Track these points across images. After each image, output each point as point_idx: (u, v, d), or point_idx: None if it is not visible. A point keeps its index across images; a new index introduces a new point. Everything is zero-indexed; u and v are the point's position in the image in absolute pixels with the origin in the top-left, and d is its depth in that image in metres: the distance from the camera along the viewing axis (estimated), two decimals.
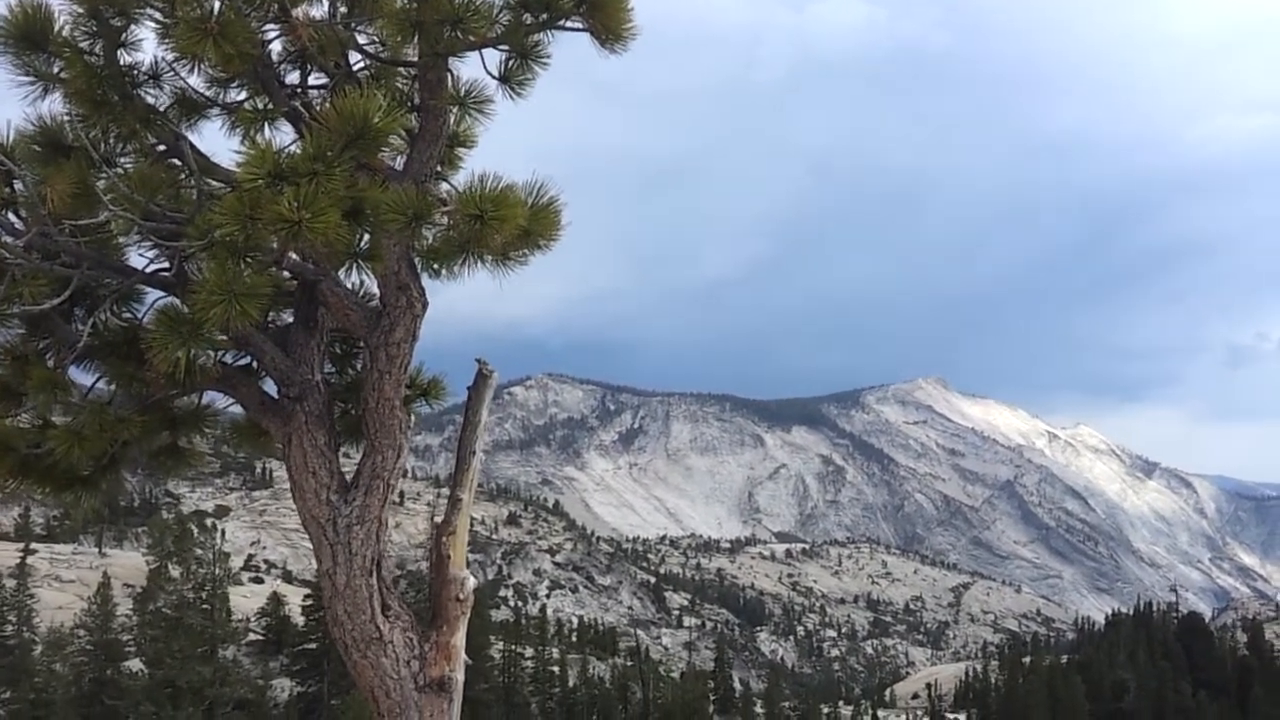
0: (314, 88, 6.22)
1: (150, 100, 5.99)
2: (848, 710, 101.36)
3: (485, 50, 5.82)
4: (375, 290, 6.10)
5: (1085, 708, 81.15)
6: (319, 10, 5.80)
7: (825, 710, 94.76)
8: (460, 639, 6.12)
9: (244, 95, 6.21)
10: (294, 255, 5.72)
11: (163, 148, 5.99)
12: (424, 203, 5.20)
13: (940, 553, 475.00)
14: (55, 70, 5.75)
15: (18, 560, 62.49)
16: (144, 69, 5.93)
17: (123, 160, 5.98)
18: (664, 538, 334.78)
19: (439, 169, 6.21)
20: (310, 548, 6.21)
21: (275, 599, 70.38)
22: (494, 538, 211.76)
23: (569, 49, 5.88)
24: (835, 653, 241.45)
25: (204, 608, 57.22)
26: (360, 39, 6.03)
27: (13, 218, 5.70)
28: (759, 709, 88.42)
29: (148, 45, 5.79)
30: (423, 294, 5.95)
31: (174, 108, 6.11)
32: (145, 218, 5.39)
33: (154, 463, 6.78)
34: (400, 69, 6.29)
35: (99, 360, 6.07)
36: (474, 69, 5.93)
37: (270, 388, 6.22)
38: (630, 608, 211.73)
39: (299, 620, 63.76)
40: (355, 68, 6.09)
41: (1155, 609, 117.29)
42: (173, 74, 5.99)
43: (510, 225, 5.15)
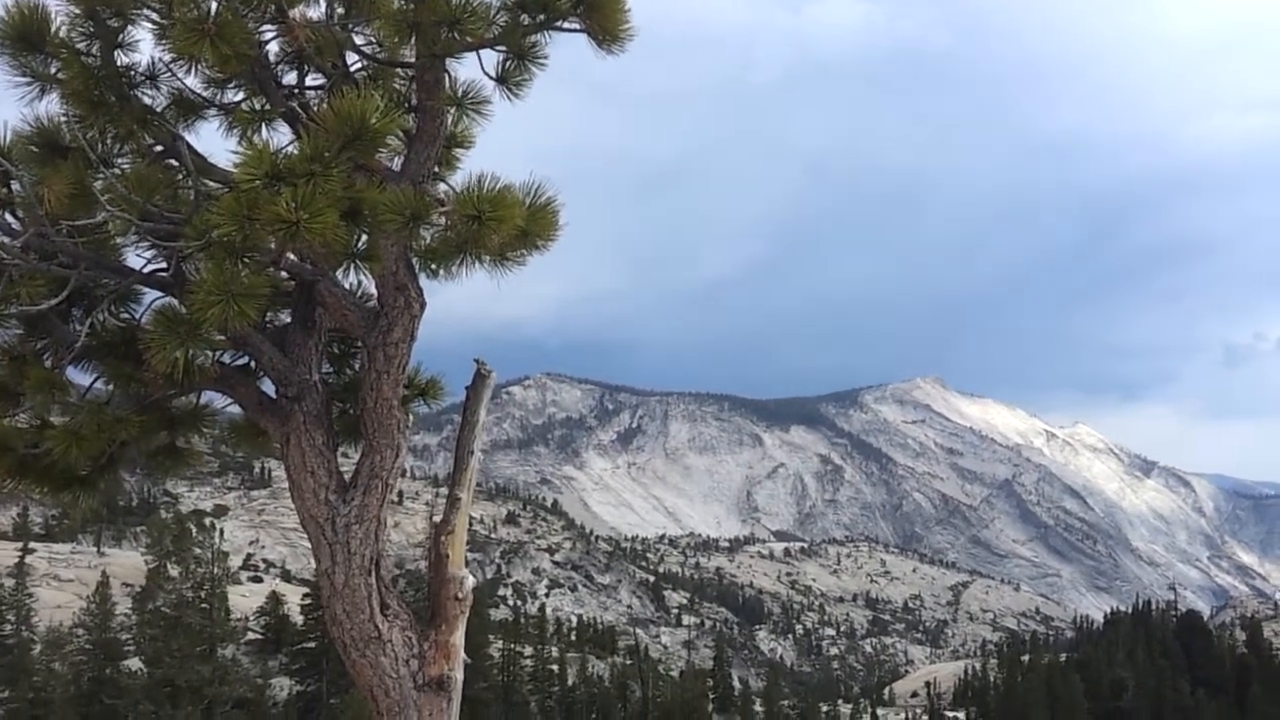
0: (311, 88, 6.22)
1: (147, 101, 5.99)
2: (847, 709, 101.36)
3: (482, 51, 5.82)
4: (373, 290, 6.11)
5: (1084, 706, 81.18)
6: (316, 11, 5.79)
7: (824, 709, 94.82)
8: (459, 638, 6.12)
9: (241, 96, 6.21)
10: (292, 256, 5.72)
11: (160, 148, 5.99)
12: (422, 203, 5.20)
13: (939, 551, 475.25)
14: (52, 71, 5.74)
15: (16, 560, 62.48)
16: (141, 70, 5.93)
17: (120, 161, 5.97)
18: (663, 537, 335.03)
19: (436, 170, 6.21)
20: (309, 547, 6.22)
21: (274, 598, 70.48)
22: (493, 537, 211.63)
23: (566, 50, 5.89)
24: (834, 651, 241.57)
25: (203, 607, 57.24)
26: (357, 40, 6.03)
27: (10, 218, 5.71)
28: (758, 707, 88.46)
29: (145, 46, 5.79)
30: (420, 294, 5.96)
31: (171, 108, 6.12)
32: (143, 218, 5.40)
33: (152, 462, 6.78)
34: (397, 70, 6.29)
35: (97, 360, 6.07)
36: (471, 70, 5.94)
37: (268, 388, 6.23)
38: (629, 606, 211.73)
39: (298, 619, 63.82)
40: (352, 68, 6.09)
41: (1154, 607, 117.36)
42: (170, 75, 5.99)
43: (508, 226, 5.15)
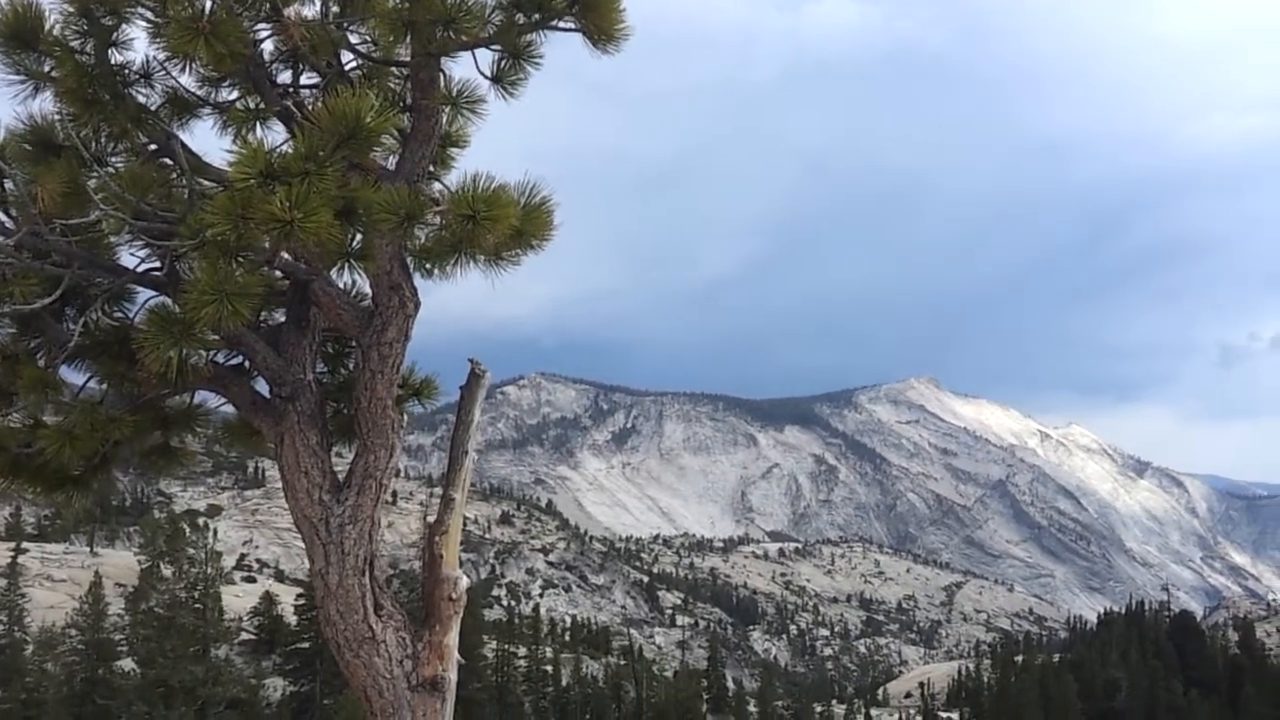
0: (306, 87, 6.21)
1: (141, 99, 5.98)
2: (841, 709, 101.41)
3: (478, 50, 5.81)
4: (367, 290, 6.10)
5: (1077, 706, 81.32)
6: (311, 10, 5.79)
7: (818, 709, 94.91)
8: (453, 638, 6.12)
9: (236, 94, 6.20)
10: (286, 255, 5.72)
11: (154, 147, 5.98)
12: (416, 202, 5.19)
13: (933, 552, 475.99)
14: (46, 69, 5.74)
15: (9, 560, 62.23)
16: (135, 68, 5.92)
17: (114, 159, 5.96)
18: (657, 537, 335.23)
19: (431, 169, 6.19)
20: (303, 547, 6.21)
21: (268, 598, 70.23)
22: (487, 537, 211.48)
23: (562, 49, 5.88)
24: (828, 651, 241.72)
25: (196, 607, 57.00)
26: (352, 38, 6.03)
27: (3, 217, 5.70)
28: (752, 708, 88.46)
29: (139, 44, 5.79)
30: (415, 294, 5.95)
31: (165, 107, 6.10)
32: (136, 217, 5.39)
33: (146, 462, 6.77)
34: (392, 69, 6.28)
35: (90, 360, 6.06)
36: (466, 69, 5.93)
37: (262, 387, 6.22)
38: (623, 607, 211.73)
39: (291, 620, 63.63)
40: (347, 67, 6.09)
41: (1147, 608, 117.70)
42: (164, 73, 5.98)
43: (503, 225, 5.15)
